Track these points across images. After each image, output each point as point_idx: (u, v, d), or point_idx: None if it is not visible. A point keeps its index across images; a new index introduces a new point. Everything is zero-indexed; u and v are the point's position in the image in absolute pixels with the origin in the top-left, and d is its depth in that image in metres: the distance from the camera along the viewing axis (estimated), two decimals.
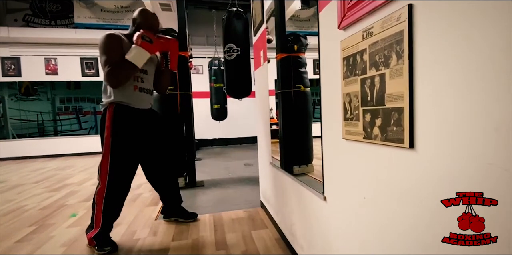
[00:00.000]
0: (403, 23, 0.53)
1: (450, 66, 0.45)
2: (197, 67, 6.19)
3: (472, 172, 0.42)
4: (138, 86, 1.56)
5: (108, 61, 1.41)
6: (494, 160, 0.39)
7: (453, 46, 0.44)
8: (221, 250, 1.48)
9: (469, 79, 0.42)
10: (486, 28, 0.39)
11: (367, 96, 0.65)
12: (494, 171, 0.40)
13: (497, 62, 0.38)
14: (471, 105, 0.42)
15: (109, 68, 1.40)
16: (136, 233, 1.71)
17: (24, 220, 1.98)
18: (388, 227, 0.63)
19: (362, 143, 0.70)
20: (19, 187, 3.01)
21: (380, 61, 0.60)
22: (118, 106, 1.50)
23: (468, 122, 0.42)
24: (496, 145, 0.39)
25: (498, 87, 0.38)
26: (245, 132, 6.49)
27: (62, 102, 8.44)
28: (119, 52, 1.44)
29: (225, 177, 3.24)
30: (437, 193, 0.48)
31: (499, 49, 0.37)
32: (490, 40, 0.38)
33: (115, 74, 1.42)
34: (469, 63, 0.42)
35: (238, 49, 2.36)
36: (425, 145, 0.51)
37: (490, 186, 0.41)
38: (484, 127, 0.40)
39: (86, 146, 5.62)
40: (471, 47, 0.41)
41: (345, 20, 0.73)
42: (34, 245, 1.58)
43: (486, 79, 0.39)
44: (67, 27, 5.63)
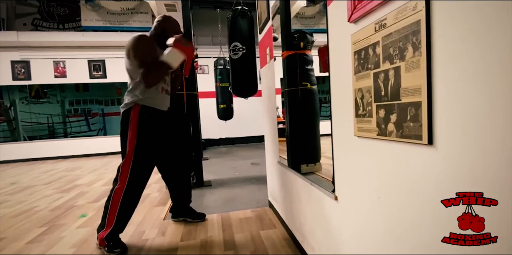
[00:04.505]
0: (419, 12, 0.50)
1: (471, 57, 0.42)
2: (203, 67, 6.20)
3: (496, 169, 0.40)
4: (165, 89, 1.62)
5: (145, 61, 1.44)
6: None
7: (474, 36, 0.41)
8: (229, 250, 1.47)
9: (491, 71, 0.39)
10: None
11: (381, 91, 0.62)
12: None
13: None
14: (495, 98, 0.39)
15: (147, 67, 1.44)
16: (145, 234, 1.71)
17: (35, 221, 2.01)
18: (406, 227, 0.60)
19: (375, 140, 0.67)
20: (30, 188, 3.06)
21: (394, 54, 0.57)
22: (145, 108, 1.51)
23: (492, 116, 0.39)
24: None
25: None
26: (251, 131, 6.47)
27: (71, 105, 8.58)
28: (154, 54, 1.49)
29: (232, 177, 3.22)
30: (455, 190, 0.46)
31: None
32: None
33: (153, 75, 1.46)
34: (491, 54, 0.39)
35: (244, 47, 2.34)
36: (445, 141, 0.48)
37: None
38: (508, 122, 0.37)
39: (95, 147, 5.68)
40: (494, 37, 0.38)
41: (356, 12, 0.70)
42: (45, 246, 1.59)
43: (510, 71, 0.36)
44: (74, 30, 5.71)
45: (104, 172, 3.85)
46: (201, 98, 5.04)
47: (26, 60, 5.41)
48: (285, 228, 1.68)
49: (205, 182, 2.93)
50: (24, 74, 5.43)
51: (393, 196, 0.63)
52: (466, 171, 0.44)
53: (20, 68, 5.40)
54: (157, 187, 2.84)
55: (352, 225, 0.84)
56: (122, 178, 1.50)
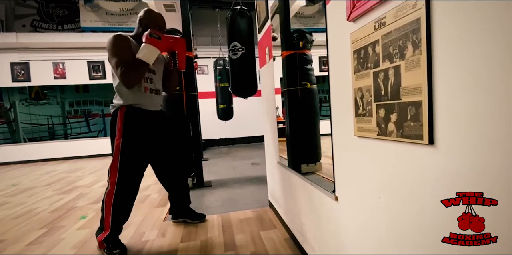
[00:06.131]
0: (419, 10, 0.49)
1: (472, 55, 0.41)
2: (202, 67, 6.20)
3: (496, 169, 0.39)
4: (148, 88, 1.56)
5: (119, 62, 1.41)
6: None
7: (476, 34, 0.40)
8: (230, 251, 1.46)
9: (493, 70, 0.38)
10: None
11: (381, 90, 0.62)
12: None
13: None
14: (497, 97, 0.38)
15: (122, 69, 1.40)
16: (145, 235, 1.71)
17: (35, 223, 2.00)
18: (405, 227, 0.59)
19: (375, 140, 0.66)
20: (30, 190, 3.05)
21: (394, 52, 0.57)
22: (130, 108, 1.49)
23: (493, 116, 0.39)
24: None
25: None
26: (251, 131, 6.47)
27: (71, 106, 8.57)
28: (129, 53, 1.43)
29: (232, 177, 3.22)
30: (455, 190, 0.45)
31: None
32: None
33: (129, 75, 1.41)
34: (493, 52, 0.38)
35: (243, 47, 2.33)
36: (446, 141, 0.47)
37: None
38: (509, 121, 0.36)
39: (95, 148, 5.68)
40: (496, 35, 0.37)
41: (355, 11, 0.69)
42: (46, 248, 1.59)
43: None
44: (73, 31, 5.71)
45: (105, 173, 3.84)
46: (200, 98, 5.04)
47: (25, 62, 5.40)
48: (285, 228, 1.67)
49: (205, 182, 2.93)
50: (24, 75, 5.42)
51: (393, 196, 0.62)
52: (466, 171, 0.44)
53: (20, 70, 5.40)
54: (157, 188, 2.83)
55: (353, 225, 0.83)
56: (111, 181, 1.48)
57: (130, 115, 1.49)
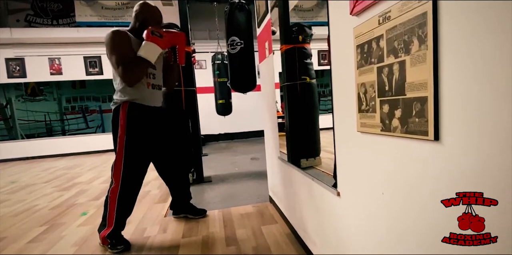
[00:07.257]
0: (426, 4, 0.48)
1: (481, 50, 0.40)
2: (200, 62, 6.14)
3: (497, 168, 0.39)
4: (151, 83, 1.55)
5: (120, 59, 1.38)
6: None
7: (485, 28, 0.39)
8: (231, 246, 1.47)
9: (502, 65, 0.37)
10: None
11: (385, 86, 0.61)
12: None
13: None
14: (505, 93, 0.37)
15: (123, 66, 1.38)
16: (146, 231, 1.72)
17: (35, 220, 2.00)
18: (406, 226, 0.59)
19: (379, 136, 0.66)
20: (29, 187, 3.05)
21: (399, 47, 0.56)
22: (132, 105, 1.48)
23: (500, 111, 0.38)
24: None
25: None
26: (250, 126, 6.46)
27: (68, 102, 8.49)
28: (130, 50, 1.41)
29: (232, 172, 3.22)
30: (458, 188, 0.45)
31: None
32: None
33: (131, 72, 1.40)
34: (503, 47, 0.37)
35: (242, 42, 2.30)
36: (452, 137, 0.47)
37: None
38: None
39: (94, 145, 5.65)
40: (506, 29, 0.37)
41: (358, 5, 0.68)
42: (46, 245, 1.59)
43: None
44: (69, 26, 5.60)
45: (104, 169, 3.84)
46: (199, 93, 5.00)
47: (20, 58, 5.32)
48: (286, 223, 1.68)
49: (205, 177, 2.93)
50: (19, 71, 5.35)
51: (394, 193, 0.62)
52: (468, 169, 0.44)
53: (15, 66, 5.33)
54: (157, 184, 2.83)
55: (354, 221, 0.83)
56: (115, 178, 1.48)
57: (133, 112, 1.48)
